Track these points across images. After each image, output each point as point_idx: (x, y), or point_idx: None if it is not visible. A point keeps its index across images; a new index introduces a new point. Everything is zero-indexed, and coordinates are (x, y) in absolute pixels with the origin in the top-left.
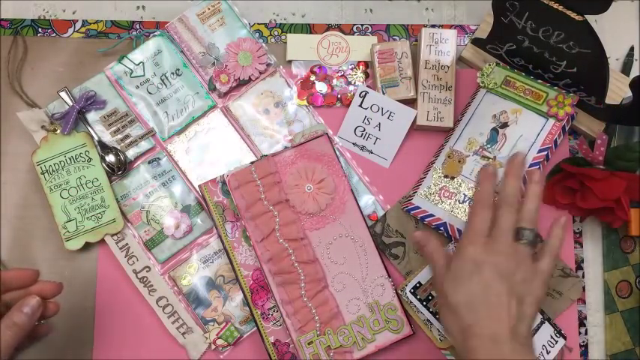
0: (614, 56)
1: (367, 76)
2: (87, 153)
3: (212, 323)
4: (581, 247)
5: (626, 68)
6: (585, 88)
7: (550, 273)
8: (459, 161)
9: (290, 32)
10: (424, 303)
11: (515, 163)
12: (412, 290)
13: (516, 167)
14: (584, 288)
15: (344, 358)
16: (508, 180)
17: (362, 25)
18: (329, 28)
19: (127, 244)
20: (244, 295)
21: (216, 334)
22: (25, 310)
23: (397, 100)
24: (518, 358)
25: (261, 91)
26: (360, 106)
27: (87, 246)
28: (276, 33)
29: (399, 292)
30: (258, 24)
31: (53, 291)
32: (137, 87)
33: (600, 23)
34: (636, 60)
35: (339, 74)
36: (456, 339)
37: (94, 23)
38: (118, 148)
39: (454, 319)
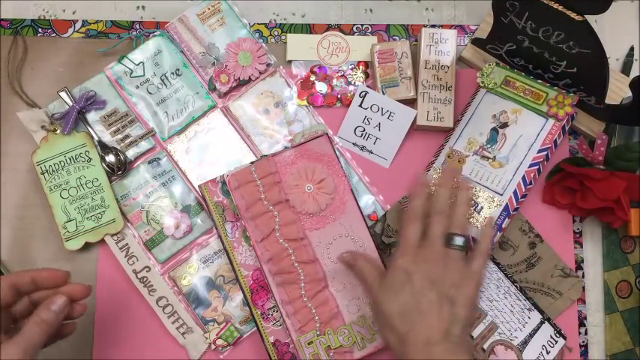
0: (614, 56)
1: (367, 76)
2: (87, 153)
3: (212, 323)
4: (581, 247)
5: (626, 68)
6: (585, 88)
7: (482, 273)
8: (459, 161)
9: (290, 32)
10: None
11: (446, 173)
12: None
13: (447, 177)
14: (584, 288)
15: (344, 358)
16: (439, 190)
17: (362, 25)
18: (329, 28)
19: (127, 244)
20: (244, 295)
21: (216, 334)
22: (53, 308)
23: (397, 100)
24: (450, 358)
25: (261, 91)
26: (360, 106)
27: (87, 246)
28: (276, 33)
29: None
30: (258, 24)
31: (82, 293)
32: (137, 87)
33: (600, 23)
34: (636, 60)
35: (339, 74)
36: (394, 347)
37: (94, 23)
38: (118, 148)
39: (390, 329)
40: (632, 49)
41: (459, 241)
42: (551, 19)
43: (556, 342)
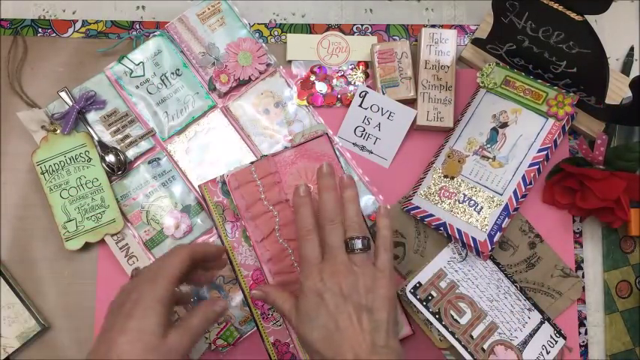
0: (614, 56)
1: (367, 76)
2: (87, 153)
3: None
4: (581, 247)
5: (626, 68)
6: (585, 88)
7: (390, 267)
8: (459, 161)
9: (290, 32)
10: (424, 303)
11: (323, 176)
12: (412, 290)
13: (326, 179)
14: (584, 288)
15: None
16: (321, 195)
17: (362, 25)
18: (329, 28)
19: (127, 244)
20: (244, 295)
21: (216, 334)
22: (216, 309)
23: (397, 100)
24: None
25: (261, 91)
26: (360, 106)
27: (87, 246)
28: (276, 33)
29: (399, 292)
30: (258, 24)
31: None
32: (137, 87)
33: (600, 23)
34: (636, 60)
35: (339, 74)
36: None
37: (94, 23)
38: (118, 148)
39: (319, 357)
40: (632, 49)
41: (358, 244)
42: (551, 19)
43: (556, 342)
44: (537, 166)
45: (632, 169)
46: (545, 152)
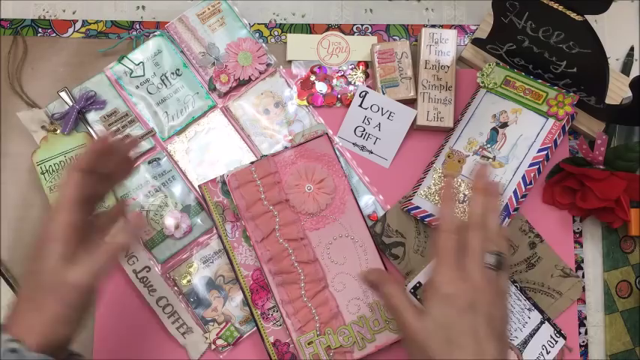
0: (614, 56)
1: (367, 76)
2: None
3: (212, 323)
4: (581, 247)
5: (626, 68)
6: (585, 88)
7: (508, 290)
8: (459, 161)
9: (290, 32)
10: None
11: (481, 176)
12: (412, 290)
13: (484, 181)
14: (584, 288)
15: (344, 358)
16: (476, 196)
17: (362, 25)
18: (329, 28)
19: None
20: (244, 295)
21: (216, 334)
22: (119, 240)
23: (397, 100)
24: None
25: (261, 91)
26: (360, 106)
27: None
28: (276, 33)
29: None
30: (258, 24)
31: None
32: (137, 87)
33: (600, 23)
34: (636, 60)
35: (339, 74)
36: None
37: (94, 23)
38: None
39: None
40: (632, 49)
41: (497, 260)
42: (551, 19)
43: (556, 342)
44: (537, 166)
45: (632, 169)
46: (545, 152)
